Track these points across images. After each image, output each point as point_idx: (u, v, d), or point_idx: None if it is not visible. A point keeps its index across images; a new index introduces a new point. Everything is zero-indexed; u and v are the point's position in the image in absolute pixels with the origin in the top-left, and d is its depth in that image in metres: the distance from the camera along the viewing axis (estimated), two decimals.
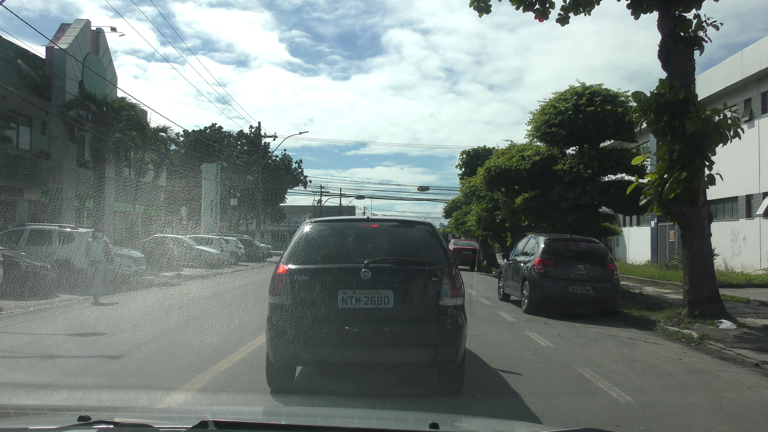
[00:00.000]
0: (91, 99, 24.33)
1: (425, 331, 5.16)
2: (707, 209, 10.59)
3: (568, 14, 12.14)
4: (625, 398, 5.56)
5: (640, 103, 10.55)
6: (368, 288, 5.14)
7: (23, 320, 10.53)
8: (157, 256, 21.59)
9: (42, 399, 5.24)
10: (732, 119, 9.94)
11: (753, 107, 22.52)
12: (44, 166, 23.37)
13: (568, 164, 17.15)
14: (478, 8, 12.27)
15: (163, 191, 34.53)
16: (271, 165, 51.34)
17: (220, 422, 2.07)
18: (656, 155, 10.55)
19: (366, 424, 2.43)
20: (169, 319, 10.83)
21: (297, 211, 77.13)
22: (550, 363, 7.16)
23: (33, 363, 6.94)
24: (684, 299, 10.63)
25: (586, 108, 16.94)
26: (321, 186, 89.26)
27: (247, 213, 50.91)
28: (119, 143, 25.22)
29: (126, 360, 6.96)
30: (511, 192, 19.85)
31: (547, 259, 12.29)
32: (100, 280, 13.22)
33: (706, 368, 7.13)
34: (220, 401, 5.33)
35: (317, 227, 5.92)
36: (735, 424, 4.95)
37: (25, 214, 22.55)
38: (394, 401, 4.91)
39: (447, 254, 5.57)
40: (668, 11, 10.63)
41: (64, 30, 24.80)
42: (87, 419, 2.16)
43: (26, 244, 15.73)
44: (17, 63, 21.55)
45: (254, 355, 6.93)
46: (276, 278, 5.32)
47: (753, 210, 21.99)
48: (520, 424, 3.53)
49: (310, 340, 5.04)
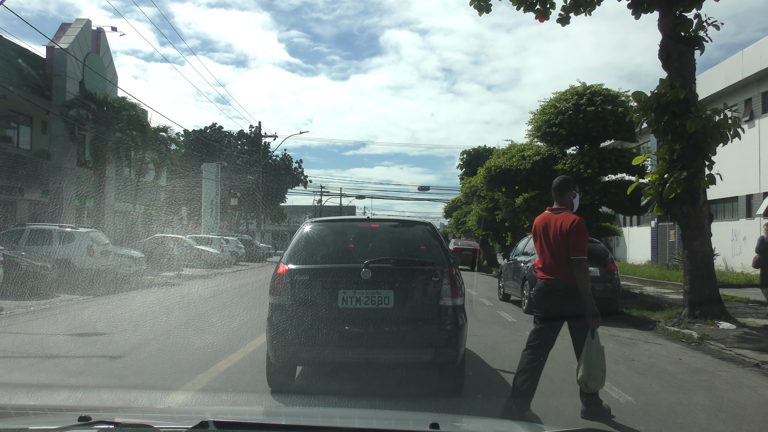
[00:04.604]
0: (92, 99, 24.34)
1: (425, 331, 5.15)
2: (707, 209, 10.58)
3: (569, 14, 12.13)
4: (626, 398, 5.56)
5: (640, 102, 10.54)
6: (368, 288, 5.13)
7: (23, 320, 10.53)
8: (158, 256, 21.58)
9: (42, 399, 5.24)
10: (732, 119, 9.93)
11: (753, 107, 22.51)
12: (45, 165, 23.37)
13: (568, 164, 17.14)
14: (478, 7, 12.26)
15: (164, 191, 34.53)
16: (271, 165, 51.35)
17: (220, 422, 2.07)
18: (656, 155, 10.54)
19: (366, 424, 2.43)
20: (169, 319, 10.83)
21: (297, 211, 77.10)
22: (551, 363, 7.09)
23: (33, 363, 6.94)
24: (684, 299, 10.63)
25: (587, 108, 16.93)
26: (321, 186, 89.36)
27: (248, 213, 50.91)
28: (120, 143, 25.22)
29: (126, 360, 6.96)
30: (511, 192, 19.84)
31: None
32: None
33: (707, 368, 7.13)
34: (220, 401, 5.33)
35: (317, 227, 5.92)
36: (735, 424, 4.95)
37: (26, 213, 22.55)
38: (395, 401, 4.91)
39: (447, 254, 5.57)
40: (669, 11, 10.62)
41: (64, 30, 24.80)
42: (87, 419, 2.16)
43: (26, 243, 15.72)
44: (18, 62, 21.55)
45: (254, 355, 6.92)
46: (276, 278, 5.32)
47: (753, 210, 21.98)
48: (521, 424, 3.53)
49: (311, 340, 5.04)
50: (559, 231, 4.79)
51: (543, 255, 4.96)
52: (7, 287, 12.64)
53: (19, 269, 13.44)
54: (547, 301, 4.91)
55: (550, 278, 4.86)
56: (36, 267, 13.92)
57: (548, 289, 4.89)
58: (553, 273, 4.84)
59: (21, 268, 13.52)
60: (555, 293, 4.84)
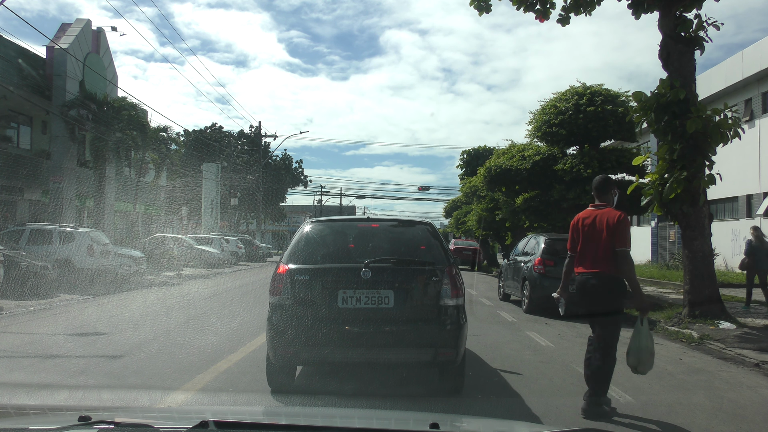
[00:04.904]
0: (92, 98, 24.34)
1: (425, 331, 5.15)
2: (707, 209, 10.58)
3: (569, 15, 12.13)
4: (626, 398, 5.56)
5: (640, 103, 10.54)
6: (368, 288, 5.13)
7: (24, 320, 10.53)
8: (158, 256, 21.59)
9: (42, 399, 5.24)
10: (732, 119, 9.92)
11: (753, 107, 22.51)
12: (45, 165, 23.37)
13: (568, 164, 17.15)
14: (478, 7, 12.25)
15: (164, 191, 34.54)
16: (271, 165, 51.34)
17: (220, 422, 2.07)
18: (657, 155, 10.54)
19: (366, 424, 2.43)
20: (169, 319, 10.83)
21: (297, 210, 77.08)
22: (551, 363, 7.16)
23: (33, 363, 6.94)
24: (684, 299, 10.63)
25: (587, 108, 16.94)
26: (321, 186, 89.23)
27: (248, 213, 50.90)
28: (120, 143, 25.22)
29: (126, 360, 6.96)
30: (511, 192, 19.85)
31: (547, 259, 12.30)
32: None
33: (707, 368, 7.13)
34: (220, 401, 5.33)
35: (317, 227, 5.92)
36: (735, 424, 4.95)
37: (26, 213, 22.55)
38: (395, 401, 4.91)
39: (447, 254, 5.57)
40: (669, 11, 10.62)
41: (64, 30, 24.80)
42: (87, 419, 2.16)
43: (27, 243, 15.72)
44: (18, 62, 21.55)
45: (254, 354, 6.92)
46: (276, 278, 5.32)
47: (753, 210, 21.98)
48: (521, 424, 3.53)
49: (311, 339, 5.04)
50: (606, 225, 5.03)
51: (586, 249, 5.16)
52: (7, 287, 12.64)
53: (19, 269, 13.44)
54: (589, 294, 5.10)
55: (593, 271, 5.06)
56: (36, 267, 13.92)
57: (592, 281, 5.06)
58: (597, 266, 5.05)
59: (21, 267, 13.52)
60: (599, 285, 5.04)
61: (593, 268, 5.07)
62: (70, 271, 15.25)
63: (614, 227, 4.99)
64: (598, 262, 5.05)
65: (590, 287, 5.08)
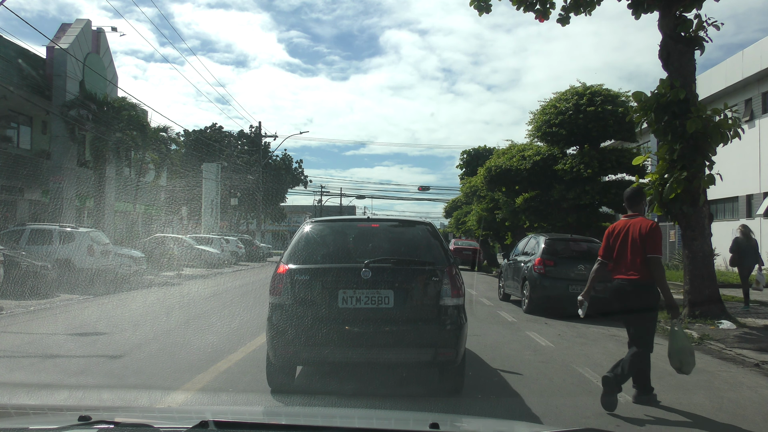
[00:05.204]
0: (92, 99, 24.35)
1: (425, 331, 5.15)
2: (708, 209, 10.59)
3: (569, 14, 12.14)
4: (626, 398, 5.56)
5: (640, 103, 10.55)
6: (368, 288, 5.13)
7: (24, 320, 10.53)
8: (158, 256, 21.59)
9: (42, 399, 5.24)
10: (732, 119, 9.93)
11: (753, 107, 22.51)
12: (45, 165, 23.38)
13: (568, 164, 17.16)
14: (478, 7, 12.26)
15: (164, 191, 34.54)
16: (271, 165, 51.33)
17: (220, 422, 2.07)
18: (657, 155, 10.55)
19: (366, 424, 2.42)
20: (169, 319, 10.83)
21: (297, 210, 77.09)
22: (551, 363, 7.16)
23: (33, 363, 6.95)
24: (684, 299, 10.63)
25: (587, 108, 16.95)
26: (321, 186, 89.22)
27: (248, 213, 50.92)
28: (120, 143, 25.24)
29: (126, 360, 6.96)
30: (511, 192, 19.87)
31: (547, 259, 12.30)
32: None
33: (707, 368, 7.13)
34: (220, 401, 5.33)
35: (317, 227, 5.92)
36: (735, 424, 4.95)
37: (26, 213, 22.56)
38: (395, 401, 4.91)
39: (447, 254, 5.57)
40: (669, 11, 10.63)
41: (64, 30, 24.82)
42: (87, 419, 2.16)
43: (27, 243, 15.72)
44: (18, 63, 21.56)
45: (254, 354, 6.92)
46: (276, 278, 5.32)
47: (753, 210, 21.99)
48: (521, 424, 3.53)
49: (311, 339, 5.04)
50: (639, 233, 5.34)
51: (621, 257, 5.46)
52: (7, 287, 12.65)
53: (19, 269, 13.44)
54: (623, 298, 5.37)
55: (628, 278, 5.34)
56: (36, 267, 13.92)
57: (627, 287, 5.33)
58: (632, 272, 5.32)
59: (21, 267, 13.52)
60: (633, 290, 5.30)
61: (627, 274, 5.35)
62: (70, 271, 15.26)
63: (646, 235, 5.29)
64: (632, 269, 5.33)
65: (624, 292, 5.36)
